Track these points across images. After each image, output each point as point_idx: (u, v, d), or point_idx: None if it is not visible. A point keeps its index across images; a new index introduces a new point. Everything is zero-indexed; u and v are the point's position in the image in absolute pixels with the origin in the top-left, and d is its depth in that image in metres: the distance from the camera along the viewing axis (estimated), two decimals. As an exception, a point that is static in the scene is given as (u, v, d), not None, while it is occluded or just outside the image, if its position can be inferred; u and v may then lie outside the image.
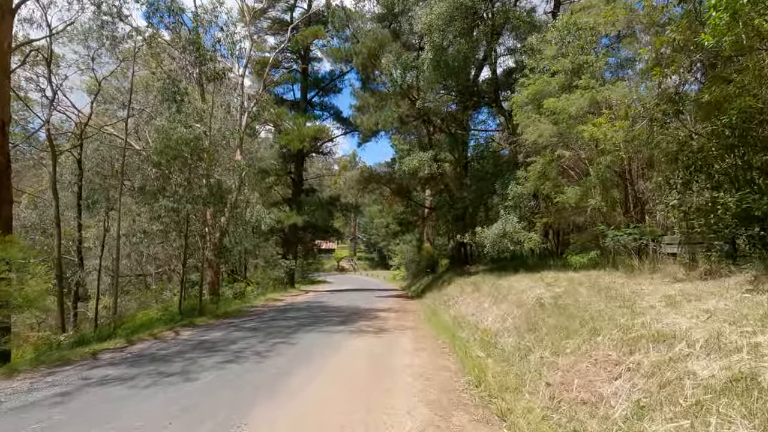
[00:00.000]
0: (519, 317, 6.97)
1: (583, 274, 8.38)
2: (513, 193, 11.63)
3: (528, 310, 6.93)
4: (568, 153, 9.00)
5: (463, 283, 14.49)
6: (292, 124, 24.24)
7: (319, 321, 11.08)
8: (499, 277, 12.02)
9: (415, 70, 15.59)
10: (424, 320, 11.18)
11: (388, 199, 23.31)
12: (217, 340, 8.49)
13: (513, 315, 7.24)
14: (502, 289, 9.33)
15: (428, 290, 19.56)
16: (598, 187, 8.78)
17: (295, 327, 10.02)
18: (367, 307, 14.90)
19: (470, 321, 9.16)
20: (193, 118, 15.31)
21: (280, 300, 18.99)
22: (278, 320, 11.52)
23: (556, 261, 13.55)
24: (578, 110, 8.77)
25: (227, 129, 17.12)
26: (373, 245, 72.51)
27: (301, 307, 15.53)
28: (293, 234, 27.69)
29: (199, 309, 14.57)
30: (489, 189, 14.46)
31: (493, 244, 12.00)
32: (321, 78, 28.78)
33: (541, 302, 6.83)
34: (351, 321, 11.00)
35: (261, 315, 13.17)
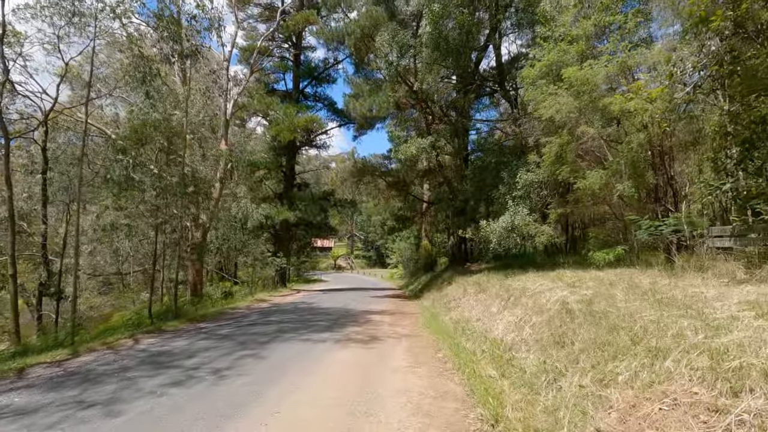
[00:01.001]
0: (540, 326, 5.62)
1: (610, 273, 7.04)
2: (523, 181, 10.28)
3: (551, 318, 5.58)
4: (592, 130, 7.65)
5: (465, 282, 13.14)
6: (282, 114, 22.80)
7: (302, 326, 9.73)
8: (506, 276, 10.68)
9: (412, 50, 14.22)
10: (422, 325, 9.83)
11: (384, 193, 21.93)
12: (177, 352, 7.13)
13: (531, 323, 5.89)
14: (514, 290, 7.99)
15: (427, 290, 18.21)
16: (628, 170, 7.43)
17: (272, 334, 8.66)
18: (360, 309, 13.55)
19: (476, 328, 7.81)
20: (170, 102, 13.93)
21: (268, 300, 17.63)
22: (257, 325, 10.16)
23: (568, 258, 12.26)
24: (604, 79, 7.41)
25: (207, 115, 15.73)
26: (370, 243, 71.27)
27: (287, 308, 14.18)
28: (285, 231, 26.30)
29: (174, 311, 13.23)
30: (494, 179, 13.10)
31: (500, 239, 10.67)
32: (314, 66, 27.32)
33: (568, 308, 5.48)
34: (339, 326, 9.65)
35: (241, 318, 11.81)
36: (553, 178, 9.44)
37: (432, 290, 16.87)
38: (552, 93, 8.26)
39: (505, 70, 16.34)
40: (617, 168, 7.64)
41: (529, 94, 9.14)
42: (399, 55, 14.76)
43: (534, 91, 9.01)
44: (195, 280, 18.04)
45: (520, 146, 13.07)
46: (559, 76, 8.92)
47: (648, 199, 8.18)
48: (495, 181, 13.64)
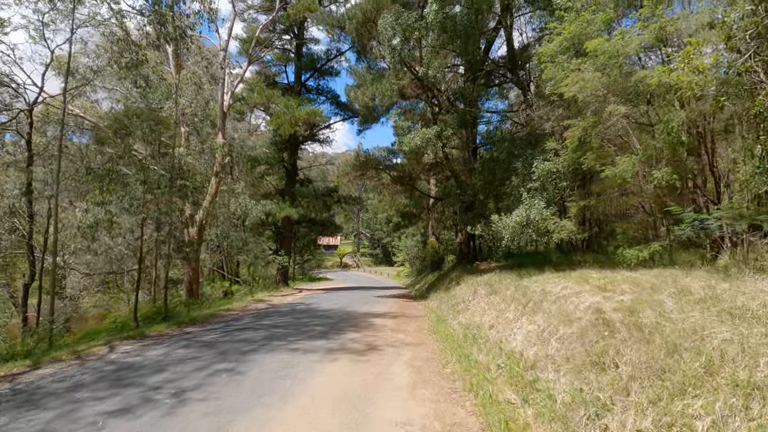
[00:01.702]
0: (570, 340, 4.63)
1: (647, 274, 6.01)
2: (539, 171, 9.25)
3: (583, 330, 4.58)
4: (623, 109, 6.60)
5: (474, 282, 12.14)
6: (282, 107, 21.89)
7: (295, 332, 8.82)
8: (520, 276, 9.67)
9: (416, 33, 13.19)
10: (427, 331, 8.87)
11: (389, 188, 20.95)
12: (147, 364, 6.24)
13: (558, 335, 4.90)
14: (532, 293, 6.99)
15: (433, 290, 17.24)
16: (666, 154, 6.38)
17: (260, 342, 7.75)
18: (362, 310, 12.62)
19: (489, 337, 6.83)
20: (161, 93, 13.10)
21: (266, 301, 16.77)
22: (247, 330, 9.26)
23: (586, 256, 11.21)
24: (638, 50, 6.36)
25: (200, 106, 14.87)
26: (377, 241, 70.38)
27: (284, 310, 13.29)
28: (287, 228, 25.44)
29: (164, 314, 12.41)
30: (504, 172, 12.08)
31: (514, 235, 9.65)
32: (316, 58, 26.32)
33: (605, 318, 4.48)
34: (336, 332, 8.72)
35: (232, 321, 10.94)
36: (574, 166, 8.39)
37: (439, 290, 15.89)
38: (575, 69, 7.22)
39: (517, 55, 15.25)
40: (652, 153, 6.59)
41: (548, 72, 8.09)
42: (403, 40, 13.75)
43: (554, 68, 7.96)
44: (191, 279, 17.23)
45: (535, 135, 12.01)
46: (581, 51, 7.88)
47: (686, 188, 7.12)
48: (506, 173, 12.62)
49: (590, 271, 7.83)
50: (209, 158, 16.62)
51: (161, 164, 11.24)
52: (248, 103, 24.20)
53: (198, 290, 17.61)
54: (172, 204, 10.59)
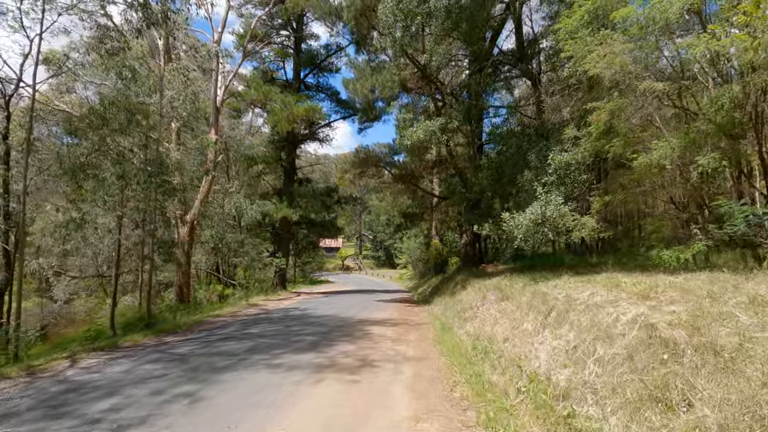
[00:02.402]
0: (614, 363, 3.64)
1: (695, 279, 5.02)
2: (556, 162, 8.27)
3: (631, 350, 3.61)
4: (662, 85, 5.63)
5: (482, 287, 11.16)
6: (280, 103, 21.01)
7: (283, 343, 7.85)
8: (534, 280, 8.69)
9: (419, 18, 12.28)
10: (431, 342, 7.89)
11: (390, 187, 19.99)
12: (101, 384, 5.30)
13: (597, 356, 3.92)
14: (553, 300, 6.00)
15: (437, 294, 16.25)
16: (713, 138, 5.40)
17: (241, 355, 6.80)
18: (360, 317, 11.66)
19: (504, 351, 5.85)
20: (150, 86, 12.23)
21: (260, 306, 15.83)
22: (230, 340, 8.31)
23: (605, 257, 10.22)
24: (679, 14, 5.40)
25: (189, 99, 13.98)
26: (379, 243, 69.42)
27: (276, 316, 12.33)
28: (285, 229, 24.52)
29: (147, 320, 11.50)
30: (514, 167, 11.11)
31: (527, 234, 8.67)
32: (315, 54, 25.46)
33: (661, 335, 3.50)
34: (327, 343, 7.75)
35: (217, 329, 10.00)
36: (596, 157, 7.42)
37: (443, 295, 14.90)
38: (601, 42, 6.25)
39: (526, 45, 14.29)
40: (695, 137, 5.61)
41: (568, 50, 7.12)
42: (404, 26, 12.82)
43: (574, 45, 7.00)
44: (181, 283, 16.32)
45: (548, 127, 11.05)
46: (606, 24, 6.93)
47: (732, 178, 6.13)
48: (516, 168, 11.64)
49: (618, 275, 6.85)
50: (199, 155, 15.73)
51: (141, 158, 10.33)
52: (245, 100, 23.33)
53: (189, 294, 16.69)
54: (152, 201, 9.65)
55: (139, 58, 14.01)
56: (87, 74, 13.86)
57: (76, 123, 9.35)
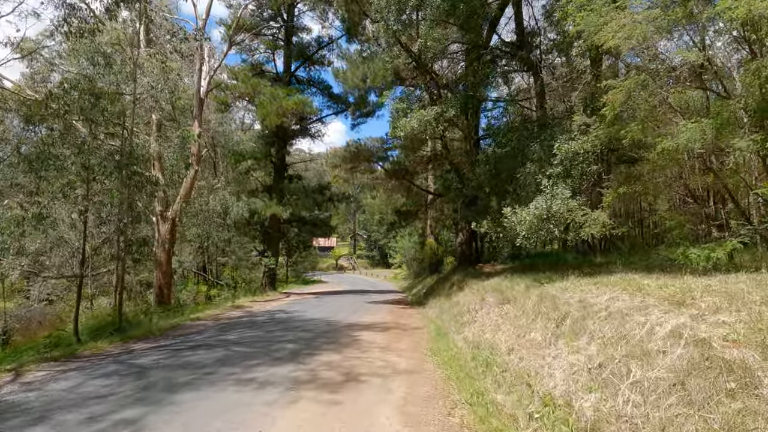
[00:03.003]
0: (660, 392, 2.86)
1: (733, 281, 4.28)
2: (563, 152, 7.51)
3: (681, 373, 2.83)
4: (693, 56, 4.87)
5: (480, 288, 10.40)
6: (268, 96, 20.11)
7: (260, 352, 7.03)
8: (537, 281, 7.94)
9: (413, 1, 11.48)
10: (426, 351, 7.09)
11: (383, 184, 19.19)
12: (33, 407, 4.47)
13: (634, 379, 3.13)
14: (565, 305, 5.23)
15: (432, 295, 15.48)
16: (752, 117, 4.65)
17: (209, 367, 5.97)
18: (349, 320, 10.85)
19: (509, 364, 5.07)
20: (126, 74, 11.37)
21: (245, 308, 14.97)
22: (201, 349, 7.46)
23: (611, 257, 9.51)
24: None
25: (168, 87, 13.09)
26: (373, 243, 68.68)
27: (261, 319, 11.50)
28: (275, 227, 23.61)
29: (118, 324, 10.61)
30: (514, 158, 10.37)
31: (531, 231, 7.90)
32: (306, 45, 24.57)
33: (716, 354, 2.73)
34: (310, 352, 6.93)
35: (192, 335, 9.16)
36: (610, 144, 6.67)
37: (439, 296, 14.13)
38: (621, 7, 5.49)
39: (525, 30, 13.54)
40: (729, 116, 4.86)
41: (579, 23, 6.35)
42: (398, 11, 12.02)
43: (587, 17, 6.22)
44: (161, 283, 15.41)
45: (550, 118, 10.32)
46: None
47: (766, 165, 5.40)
48: (516, 162, 10.91)
49: (632, 275, 6.11)
50: (180, 148, 14.82)
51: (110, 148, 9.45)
52: (232, 93, 22.44)
53: (170, 296, 15.80)
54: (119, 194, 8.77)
55: (114, 44, 13.13)
56: (65, 63, 12.97)
57: (35, 109, 8.44)
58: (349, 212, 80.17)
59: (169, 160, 14.47)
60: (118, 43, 13.21)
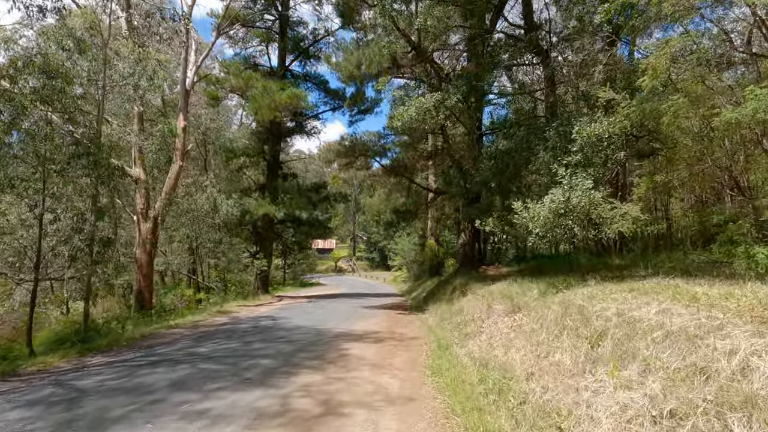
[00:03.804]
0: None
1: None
2: (584, 137, 6.45)
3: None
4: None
5: (486, 293, 9.34)
6: (261, 89, 19.08)
7: (228, 370, 5.95)
8: (552, 286, 6.89)
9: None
10: (425, 369, 6.01)
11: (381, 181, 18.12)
12: None
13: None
14: (599, 318, 4.17)
15: (432, 300, 14.40)
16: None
17: (159, 392, 4.90)
18: (340, 329, 9.78)
19: (530, 396, 3.99)
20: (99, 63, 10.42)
21: (231, 314, 13.90)
22: (162, 365, 6.39)
23: (629, 258, 8.47)
24: None
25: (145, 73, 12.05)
26: (373, 245, 67.52)
27: (242, 328, 10.43)
28: (267, 228, 22.56)
29: (83, 334, 9.58)
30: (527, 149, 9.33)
31: (546, 229, 6.83)
32: (301, 38, 23.53)
33: None
34: (287, 371, 5.86)
35: (161, 347, 8.09)
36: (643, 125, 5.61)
37: (439, 301, 13.06)
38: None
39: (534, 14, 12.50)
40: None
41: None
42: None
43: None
44: (141, 287, 14.37)
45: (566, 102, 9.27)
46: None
47: None
48: (522, 157, 9.90)
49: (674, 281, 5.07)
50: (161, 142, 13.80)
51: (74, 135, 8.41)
52: (223, 87, 21.42)
53: (151, 300, 14.75)
54: (72, 185, 7.71)
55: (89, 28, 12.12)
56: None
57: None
58: (348, 214, 79.18)
59: (150, 155, 13.44)
60: (93, 27, 12.20)
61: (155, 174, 14.94)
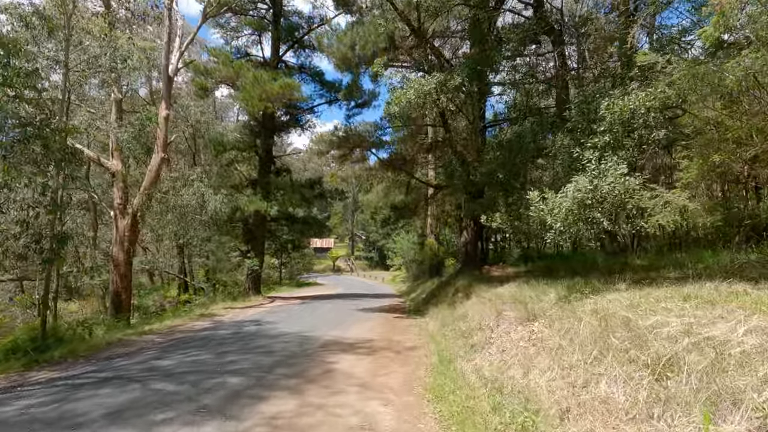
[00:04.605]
0: None
1: None
2: (616, 112, 5.39)
3: None
4: None
5: (493, 297, 8.28)
6: (251, 79, 18.00)
7: (187, 391, 4.89)
8: (574, 290, 5.85)
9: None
10: (425, 393, 4.94)
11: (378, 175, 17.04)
12: None
13: None
14: (657, 337, 3.13)
15: (433, 302, 13.35)
16: None
17: (88, 427, 3.85)
18: (329, 336, 8.71)
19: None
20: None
21: (216, 316, 12.84)
22: (109, 385, 5.33)
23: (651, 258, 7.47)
24: None
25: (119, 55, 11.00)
26: (372, 244, 66.41)
27: (221, 334, 9.36)
28: (259, 226, 21.46)
29: (40, 342, 8.52)
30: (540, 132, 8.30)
31: (567, 221, 5.76)
32: (296, 26, 22.42)
33: None
34: (256, 393, 4.80)
35: (121, 358, 7.03)
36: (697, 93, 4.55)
37: (440, 304, 12.00)
38: None
39: None
40: None
41: None
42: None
43: None
44: (118, 288, 13.31)
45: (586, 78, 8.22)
46: None
47: None
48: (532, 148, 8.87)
49: (733, 286, 4.05)
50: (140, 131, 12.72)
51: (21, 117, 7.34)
52: (213, 77, 20.30)
53: (129, 302, 13.69)
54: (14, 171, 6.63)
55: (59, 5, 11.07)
56: None
57: None
58: (347, 212, 78.13)
59: (125, 144, 12.37)
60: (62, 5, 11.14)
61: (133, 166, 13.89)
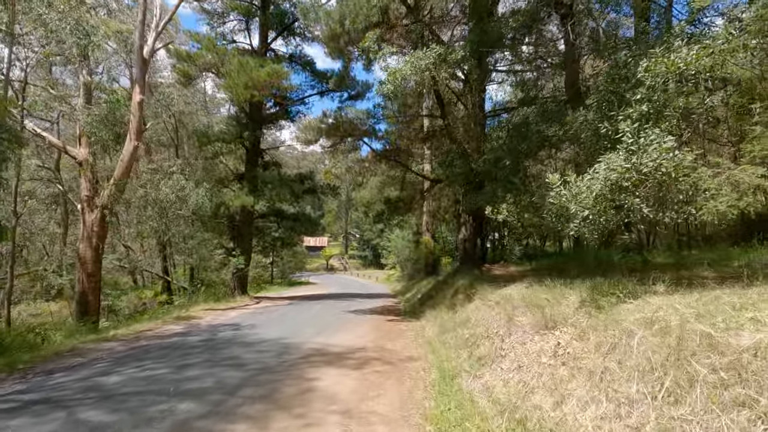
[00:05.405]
0: None
1: None
2: (659, 74, 4.37)
3: None
4: None
5: (500, 299, 7.23)
6: (236, 66, 16.87)
7: (128, 420, 3.81)
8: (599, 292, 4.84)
9: None
10: (424, 424, 3.89)
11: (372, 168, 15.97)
12: None
13: None
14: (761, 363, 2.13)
15: (429, 304, 12.33)
16: None
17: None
18: (313, 343, 7.64)
19: None
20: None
21: (193, 319, 11.71)
22: (26, 413, 4.24)
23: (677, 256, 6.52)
24: None
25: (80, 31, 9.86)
26: (366, 242, 65.38)
27: (190, 341, 8.24)
28: (246, 222, 20.31)
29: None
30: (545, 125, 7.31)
31: (595, 209, 4.72)
32: (285, 13, 21.29)
33: None
34: (208, 427, 3.73)
35: (60, 373, 5.92)
36: None
37: (438, 306, 10.97)
38: None
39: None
40: None
41: None
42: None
43: None
44: (85, 288, 12.18)
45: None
46: None
47: None
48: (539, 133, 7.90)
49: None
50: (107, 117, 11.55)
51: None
52: (196, 64, 19.11)
53: (97, 304, 12.53)
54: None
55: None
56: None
57: None
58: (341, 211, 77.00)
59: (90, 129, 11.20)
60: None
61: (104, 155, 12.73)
